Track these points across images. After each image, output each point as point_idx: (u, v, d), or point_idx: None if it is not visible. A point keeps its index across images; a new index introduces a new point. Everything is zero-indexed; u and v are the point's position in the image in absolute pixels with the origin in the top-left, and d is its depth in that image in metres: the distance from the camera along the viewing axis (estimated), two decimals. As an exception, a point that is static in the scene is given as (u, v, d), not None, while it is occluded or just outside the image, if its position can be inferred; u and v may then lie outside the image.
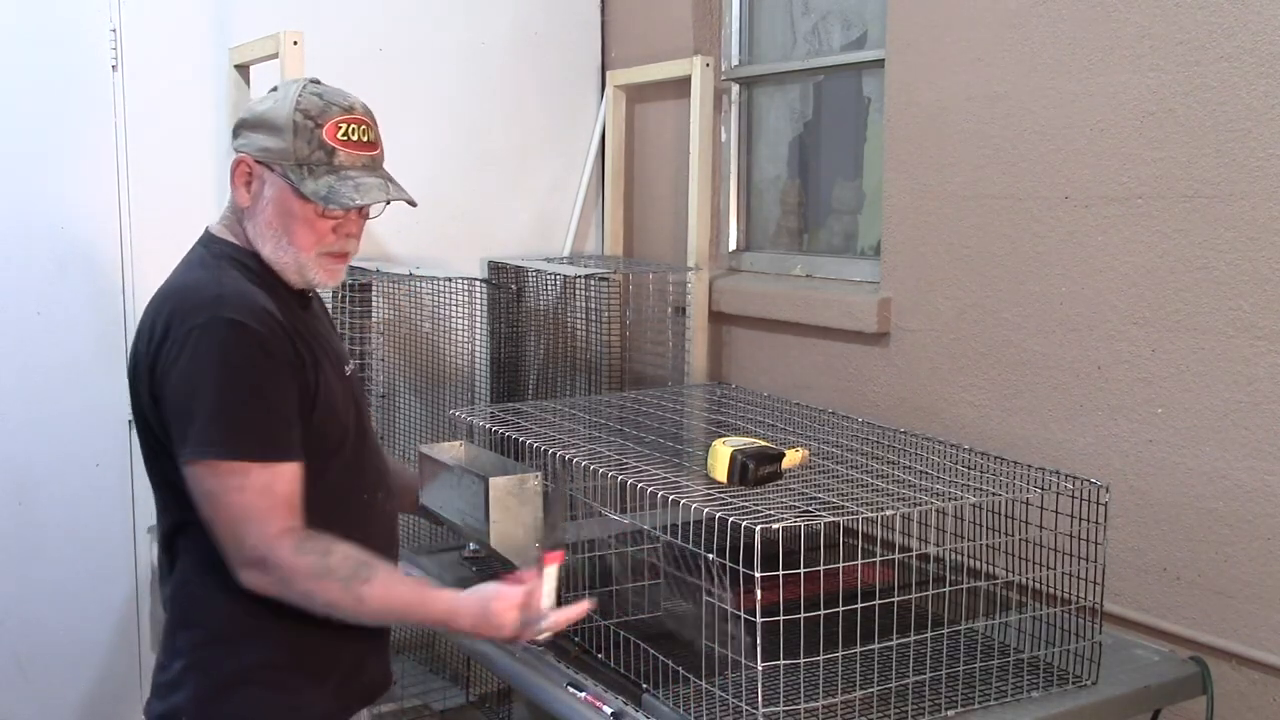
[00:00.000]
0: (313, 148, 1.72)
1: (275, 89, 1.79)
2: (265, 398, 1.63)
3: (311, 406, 1.70)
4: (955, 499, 1.86)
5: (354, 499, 1.81)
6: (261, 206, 1.73)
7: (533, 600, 1.70)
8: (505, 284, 3.49)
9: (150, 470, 1.76)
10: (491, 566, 2.34)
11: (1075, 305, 2.38)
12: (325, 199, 1.70)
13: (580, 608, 1.75)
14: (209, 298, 1.65)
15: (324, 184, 1.71)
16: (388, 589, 1.65)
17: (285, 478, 1.64)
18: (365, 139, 1.77)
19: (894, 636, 1.74)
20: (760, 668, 1.63)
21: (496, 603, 1.69)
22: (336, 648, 1.76)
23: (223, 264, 1.73)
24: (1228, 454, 2.13)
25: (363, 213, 1.77)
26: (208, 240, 1.79)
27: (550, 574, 1.74)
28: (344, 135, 1.74)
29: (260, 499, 1.60)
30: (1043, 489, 1.90)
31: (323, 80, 1.83)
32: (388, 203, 1.77)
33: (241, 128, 1.76)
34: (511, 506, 2.04)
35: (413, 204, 1.78)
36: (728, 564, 1.64)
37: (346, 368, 1.87)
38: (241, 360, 1.62)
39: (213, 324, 1.61)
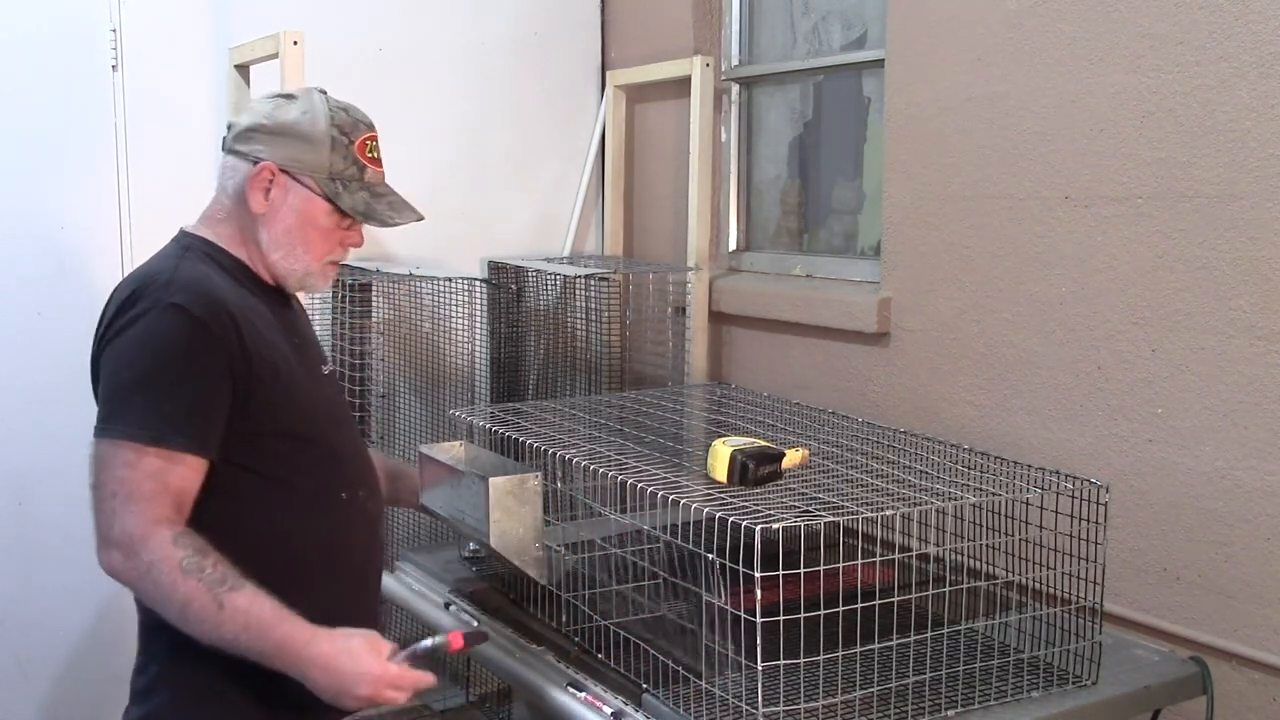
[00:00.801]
0: (347, 163, 1.77)
1: (289, 97, 1.80)
2: (185, 386, 1.61)
3: (266, 400, 1.67)
4: (955, 499, 1.86)
5: (329, 496, 1.78)
6: (282, 215, 1.75)
7: (402, 683, 1.61)
8: (505, 284, 3.49)
9: None
10: (491, 566, 2.34)
11: (1075, 305, 2.38)
12: (365, 214, 1.78)
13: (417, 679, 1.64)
14: (160, 283, 1.65)
15: (360, 199, 1.77)
16: (253, 602, 1.57)
17: (181, 471, 1.60)
18: (379, 155, 1.83)
19: (894, 636, 1.73)
20: (760, 668, 1.63)
21: (365, 660, 1.59)
22: None
23: (189, 254, 1.73)
24: (1228, 454, 2.13)
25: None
26: (180, 236, 1.81)
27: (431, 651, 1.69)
28: (370, 153, 1.81)
29: (147, 482, 1.57)
30: (1043, 489, 1.90)
31: (327, 87, 1.88)
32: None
33: (258, 133, 1.76)
34: (511, 506, 2.04)
35: (422, 218, 1.85)
36: (728, 564, 1.63)
37: (325, 367, 1.89)
38: (171, 344, 1.61)
39: (155, 307, 1.62)
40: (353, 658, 1.59)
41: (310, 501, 1.74)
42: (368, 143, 1.81)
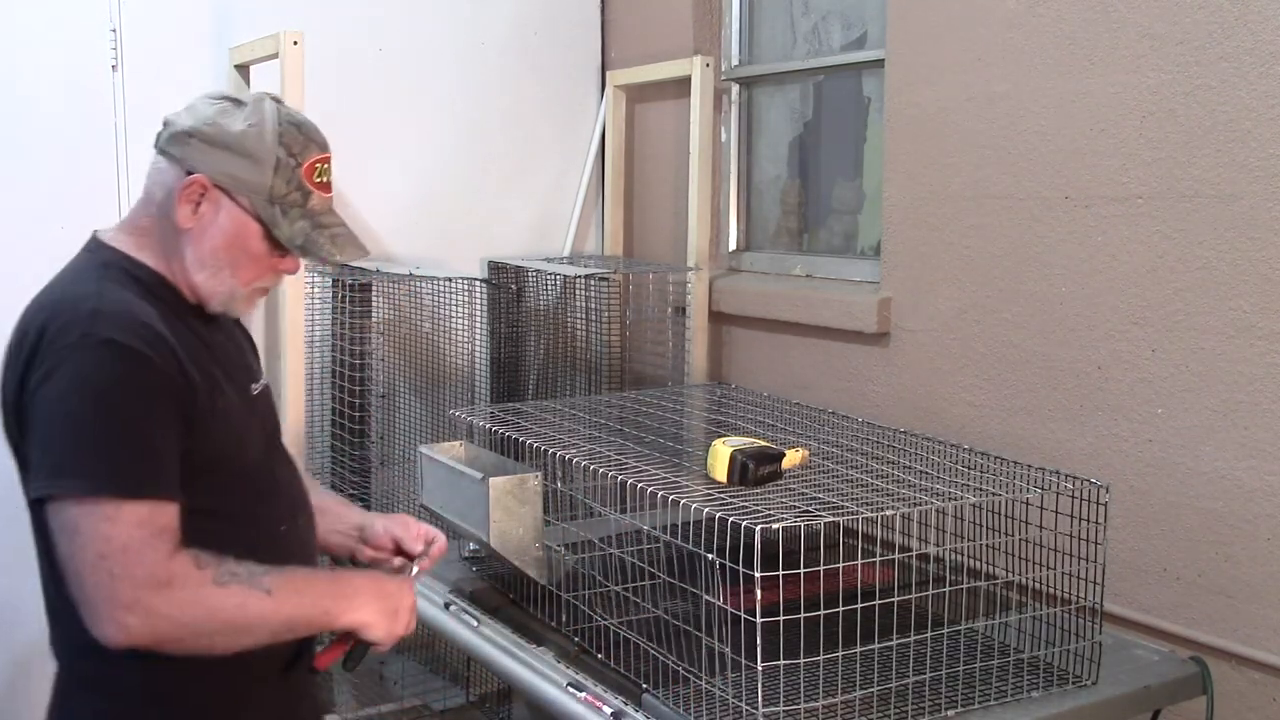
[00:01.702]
0: (290, 187, 1.58)
1: (237, 103, 1.60)
2: (140, 428, 1.45)
3: (207, 429, 1.52)
4: (955, 499, 1.86)
5: (267, 527, 1.65)
6: (210, 233, 1.56)
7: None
8: (505, 284, 3.49)
9: (31, 507, 1.53)
10: (491, 566, 2.34)
11: (1075, 305, 2.38)
12: (302, 248, 1.60)
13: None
14: (85, 313, 1.47)
15: (299, 230, 1.59)
16: (285, 575, 1.52)
17: (164, 513, 1.45)
18: (329, 179, 1.65)
19: (894, 636, 1.73)
20: (760, 668, 1.63)
21: (389, 579, 1.66)
22: (258, 701, 1.62)
23: (107, 274, 1.55)
24: (1228, 454, 2.13)
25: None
26: (94, 247, 1.62)
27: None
28: (318, 177, 1.62)
29: (138, 531, 1.41)
30: (1043, 489, 1.90)
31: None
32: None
33: (195, 139, 1.57)
34: (511, 506, 2.04)
35: (368, 253, 1.70)
36: (728, 564, 1.63)
37: (254, 385, 1.71)
38: (115, 384, 1.44)
39: (86, 343, 1.44)
40: (381, 577, 1.65)
41: (252, 536, 1.59)
42: (317, 166, 1.62)
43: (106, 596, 1.39)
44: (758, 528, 1.60)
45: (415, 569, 1.78)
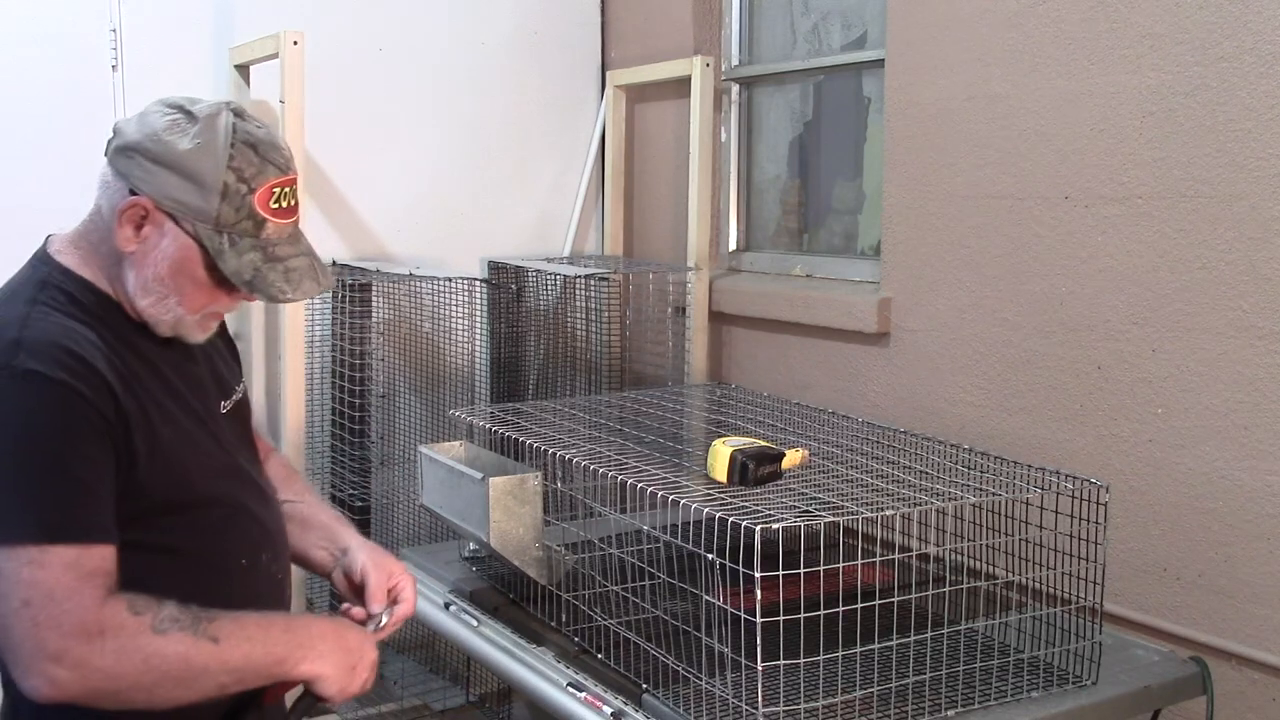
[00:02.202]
0: (240, 215, 1.43)
1: (189, 116, 1.46)
2: (66, 467, 1.33)
3: (148, 464, 1.41)
4: (955, 499, 1.86)
5: (228, 565, 1.53)
6: (153, 259, 1.44)
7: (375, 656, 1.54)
8: (505, 284, 3.49)
9: None
10: (491, 566, 2.34)
11: (1075, 305, 2.38)
12: (249, 284, 1.45)
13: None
14: (6, 343, 1.36)
15: (248, 263, 1.44)
16: (236, 621, 1.40)
17: (95, 556, 1.33)
18: (291, 203, 1.49)
19: (894, 636, 1.74)
20: (760, 668, 1.63)
21: (354, 628, 1.54)
22: None
23: (42, 294, 1.44)
24: (1228, 454, 2.13)
25: None
26: (39, 259, 1.52)
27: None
28: (276, 203, 1.46)
29: (65, 575, 1.29)
30: (1043, 489, 1.90)
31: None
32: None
33: (138, 154, 1.45)
34: (511, 506, 2.04)
35: (330, 287, 1.56)
36: (728, 564, 1.64)
37: (225, 402, 1.59)
38: (37, 420, 1.33)
39: (3, 377, 1.33)
40: (345, 626, 1.54)
41: (207, 573, 1.48)
42: (275, 190, 1.45)
43: (32, 648, 1.28)
44: (758, 528, 1.60)
45: (374, 626, 1.63)
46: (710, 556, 1.68)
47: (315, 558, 1.73)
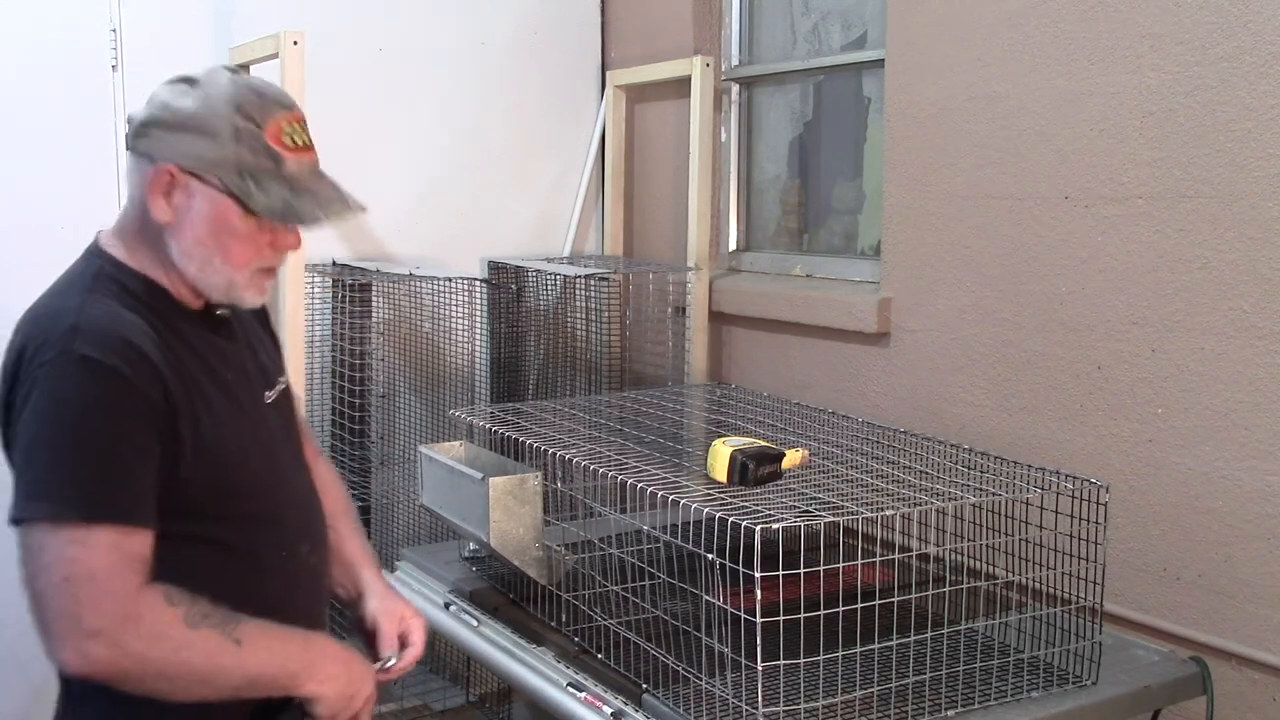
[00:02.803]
0: (258, 155, 1.47)
1: (189, 81, 1.52)
2: (114, 451, 1.37)
3: (194, 452, 1.44)
4: (955, 499, 1.86)
5: (267, 556, 1.54)
6: (189, 222, 1.47)
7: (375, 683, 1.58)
8: (505, 284, 3.49)
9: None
10: (491, 566, 2.34)
11: (1075, 305, 2.38)
12: (282, 215, 1.48)
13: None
14: (63, 329, 1.40)
15: (277, 197, 1.48)
16: (260, 628, 1.44)
17: (136, 541, 1.37)
18: (305, 141, 1.53)
19: (894, 636, 1.74)
20: (760, 668, 1.63)
21: (358, 658, 1.57)
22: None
23: (97, 284, 1.48)
24: (1228, 454, 2.13)
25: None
26: (91, 253, 1.55)
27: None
28: (289, 139, 1.50)
29: (107, 556, 1.34)
30: (1043, 489, 1.90)
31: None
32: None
33: (154, 127, 1.49)
34: (511, 506, 2.04)
35: (364, 210, 1.57)
36: (728, 564, 1.64)
37: (269, 393, 1.61)
38: (89, 404, 1.37)
39: (60, 361, 1.37)
40: (356, 658, 1.56)
41: (246, 563, 1.50)
42: (284, 127, 1.49)
43: (69, 622, 1.33)
44: (758, 528, 1.60)
45: (382, 666, 1.68)
46: (710, 556, 1.68)
47: (336, 593, 1.77)
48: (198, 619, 1.38)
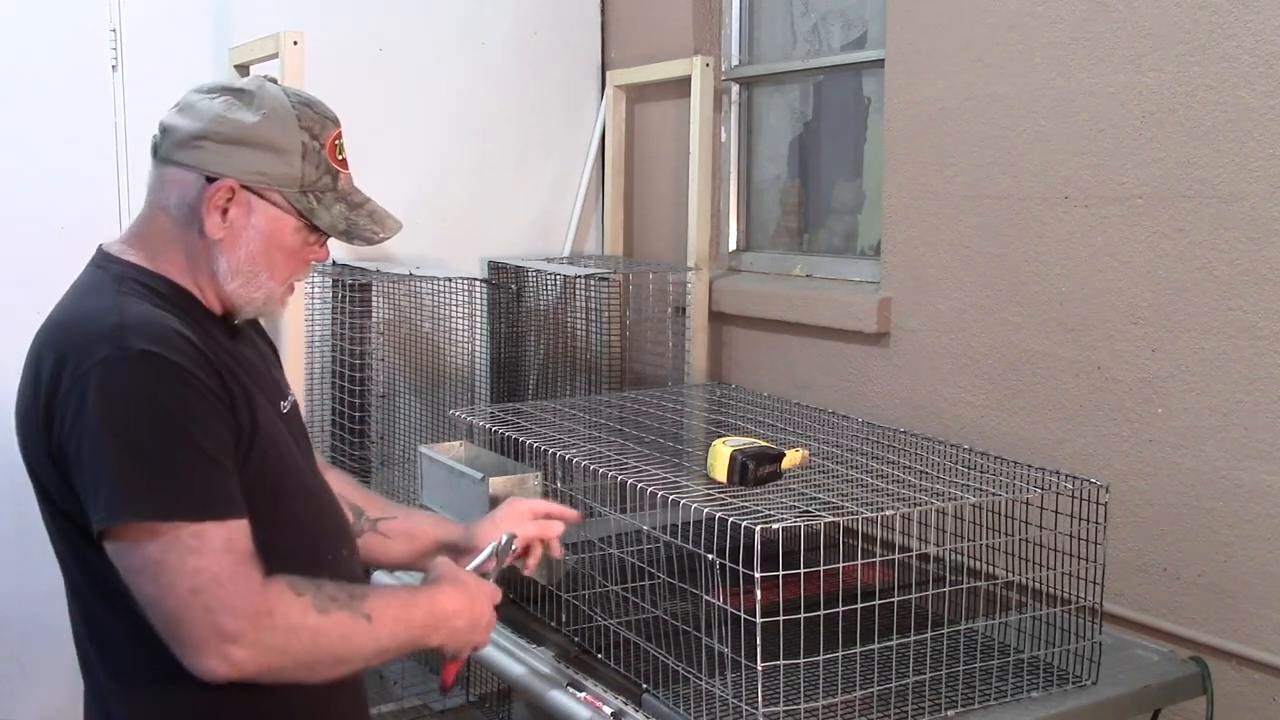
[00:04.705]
0: (320, 172, 1.47)
1: (239, 93, 1.48)
2: (199, 442, 1.33)
3: (248, 451, 1.41)
4: (955, 499, 1.86)
5: (318, 559, 1.52)
6: (244, 239, 1.45)
7: (495, 597, 1.61)
8: (505, 284, 3.49)
9: (56, 546, 1.46)
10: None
11: (1075, 305, 2.38)
12: (346, 233, 1.50)
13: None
14: (108, 328, 1.34)
15: (338, 214, 1.49)
16: (383, 599, 1.46)
17: (241, 533, 1.34)
18: (346, 154, 1.54)
19: (894, 636, 1.74)
20: (760, 668, 1.63)
21: (471, 582, 1.58)
22: None
23: (123, 286, 1.43)
24: (1228, 454, 2.13)
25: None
26: (103, 261, 1.49)
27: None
28: (340, 154, 1.50)
29: (224, 558, 1.30)
30: (1043, 489, 1.90)
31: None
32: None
33: (209, 141, 1.44)
34: (511, 506, 2.04)
35: (400, 226, 1.59)
36: (728, 564, 1.63)
37: (284, 403, 1.58)
38: (162, 397, 1.31)
39: (118, 358, 1.31)
40: (471, 592, 1.56)
41: (304, 567, 1.46)
42: (336, 143, 1.50)
43: (208, 631, 1.29)
44: (758, 528, 1.60)
45: (495, 576, 1.72)
46: (710, 556, 1.68)
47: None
48: (327, 603, 1.37)
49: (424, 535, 1.82)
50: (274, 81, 1.51)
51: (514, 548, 1.77)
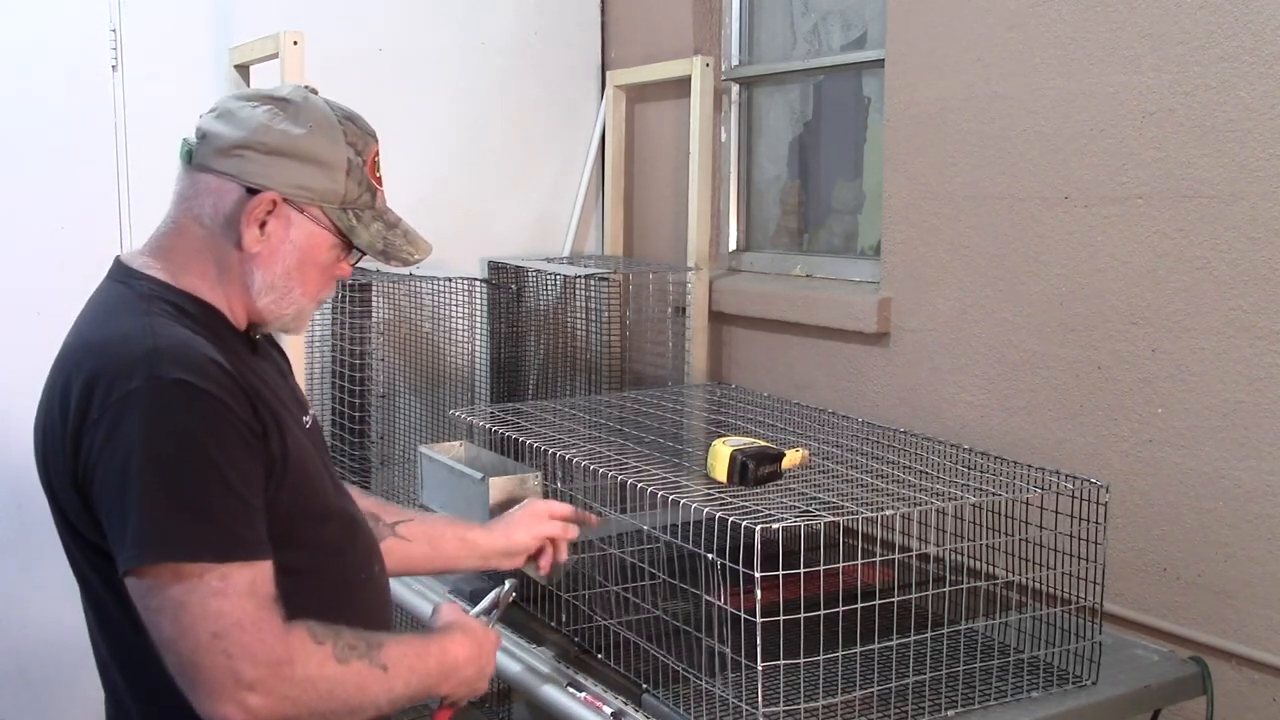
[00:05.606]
0: (361, 189, 1.45)
1: (282, 102, 1.43)
2: (229, 478, 1.29)
3: (281, 479, 1.38)
4: (955, 499, 1.86)
5: (354, 578, 1.52)
6: (281, 254, 1.42)
7: (497, 644, 1.64)
8: (505, 284, 3.49)
9: (77, 573, 1.42)
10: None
11: (1075, 305, 2.38)
12: (384, 252, 1.48)
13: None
14: (142, 353, 1.29)
15: (376, 233, 1.47)
16: (399, 648, 1.43)
17: (265, 576, 1.30)
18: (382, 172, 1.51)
19: (894, 636, 1.73)
20: (760, 668, 1.63)
21: (477, 631, 1.58)
22: None
23: (153, 306, 1.38)
24: (1228, 454, 2.13)
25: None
26: (125, 276, 1.43)
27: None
28: (378, 171, 1.49)
29: (248, 603, 1.27)
30: (1043, 489, 1.90)
31: (327, 87, 1.58)
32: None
33: (251, 150, 1.39)
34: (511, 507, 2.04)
35: (430, 250, 1.59)
36: (728, 564, 1.63)
37: (305, 418, 1.54)
38: (195, 430, 1.27)
39: (152, 388, 1.27)
40: (476, 640, 1.57)
41: (335, 589, 1.46)
42: (376, 160, 1.48)
43: (225, 677, 1.25)
44: (758, 528, 1.60)
45: (494, 621, 1.77)
46: (710, 556, 1.68)
47: (464, 562, 1.87)
48: (346, 652, 1.35)
49: (445, 535, 1.83)
50: (315, 92, 1.47)
51: (514, 596, 1.81)
